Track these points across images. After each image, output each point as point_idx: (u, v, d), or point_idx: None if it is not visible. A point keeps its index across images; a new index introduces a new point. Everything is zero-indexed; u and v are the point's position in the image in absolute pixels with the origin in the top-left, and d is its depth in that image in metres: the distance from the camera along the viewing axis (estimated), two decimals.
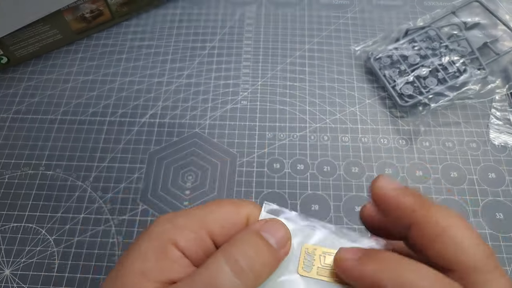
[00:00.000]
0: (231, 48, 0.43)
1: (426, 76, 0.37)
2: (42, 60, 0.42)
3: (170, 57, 0.42)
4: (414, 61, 0.38)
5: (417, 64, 0.37)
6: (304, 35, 0.44)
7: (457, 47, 0.38)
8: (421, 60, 0.37)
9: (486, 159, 0.35)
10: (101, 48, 0.43)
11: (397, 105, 0.37)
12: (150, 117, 0.38)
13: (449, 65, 0.37)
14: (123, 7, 0.44)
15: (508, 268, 0.30)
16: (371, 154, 0.36)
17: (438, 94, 0.36)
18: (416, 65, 0.37)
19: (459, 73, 0.36)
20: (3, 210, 0.33)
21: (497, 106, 0.38)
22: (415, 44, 0.38)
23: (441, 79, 0.36)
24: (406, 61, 0.38)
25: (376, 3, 0.46)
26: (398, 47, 0.39)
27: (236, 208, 0.18)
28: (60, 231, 0.32)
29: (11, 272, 0.31)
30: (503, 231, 0.32)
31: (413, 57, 0.38)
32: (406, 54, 0.38)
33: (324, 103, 0.39)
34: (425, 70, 0.37)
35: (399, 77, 0.37)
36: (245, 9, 0.46)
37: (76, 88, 0.40)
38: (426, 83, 0.36)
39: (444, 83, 0.36)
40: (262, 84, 0.40)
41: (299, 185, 0.34)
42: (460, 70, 0.36)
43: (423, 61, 0.37)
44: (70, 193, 0.34)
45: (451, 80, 0.36)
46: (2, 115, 0.39)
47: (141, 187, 0.34)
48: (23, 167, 0.36)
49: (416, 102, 0.36)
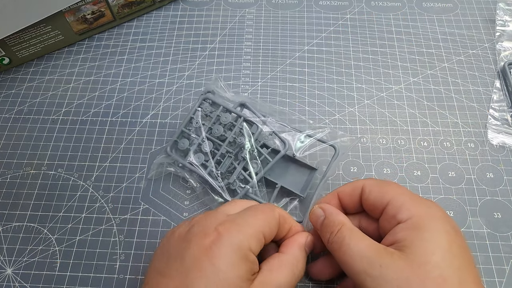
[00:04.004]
0: (231, 49, 0.43)
1: None
2: (44, 60, 0.43)
3: (171, 58, 0.43)
4: None
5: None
6: (304, 37, 0.44)
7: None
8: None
9: (484, 159, 0.36)
10: (102, 49, 0.43)
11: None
12: (151, 117, 0.39)
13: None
14: (125, 9, 0.44)
15: (506, 267, 0.30)
16: (370, 154, 0.36)
17: None
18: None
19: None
20: (5, 209, 0.34)
21: (495, 106, 0.38)
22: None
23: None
24: None
25: (374, 4, 0.47)
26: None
27: (272, 211, 0.26)
28: (62, 231, 0.33)
29: (13, 271, 0.31)
30: (501, 230, 0.32)
31: None
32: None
33: (324, 103, 0.39)
34: None
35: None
36: (245, 11, 0.46)
37: (77, 89, 0.41)
38: None
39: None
40: (262, 85, 0.40)
41: None
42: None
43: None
44: (72, 193, 0.34)
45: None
46: (4, 115, 0.39)
47: (143, 186, 0.35)
48: (25, 167, 0.36)
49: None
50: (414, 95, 0.39)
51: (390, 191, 0.25)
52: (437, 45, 0.43)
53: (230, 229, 0.23)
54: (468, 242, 0.31)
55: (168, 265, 0.23)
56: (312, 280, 0.30)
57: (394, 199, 0.25)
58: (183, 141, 0.33)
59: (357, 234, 0.24)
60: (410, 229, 0.23)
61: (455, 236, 0.23)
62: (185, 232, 0.24)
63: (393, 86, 0.40)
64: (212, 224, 0.24)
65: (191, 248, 0.23)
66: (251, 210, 0.25)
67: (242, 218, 0.24)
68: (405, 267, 0.21)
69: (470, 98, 0.39)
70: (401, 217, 0.24)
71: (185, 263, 0.22)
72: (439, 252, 0.21)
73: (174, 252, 0.23)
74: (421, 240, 0.22)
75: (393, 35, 0.44)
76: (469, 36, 0.43)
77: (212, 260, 0.22)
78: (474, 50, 0.42)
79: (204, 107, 0.34)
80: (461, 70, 0.41)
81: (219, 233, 0.23)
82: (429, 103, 0.39)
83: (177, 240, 0.24)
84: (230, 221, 0.24)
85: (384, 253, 0.22)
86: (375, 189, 0.26)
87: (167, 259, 0.24)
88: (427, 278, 0.21)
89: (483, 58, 0.42)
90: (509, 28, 0.43)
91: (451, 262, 0.21)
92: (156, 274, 0.24)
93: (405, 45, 0.43)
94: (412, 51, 0.43)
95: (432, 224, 0.23)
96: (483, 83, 0.40)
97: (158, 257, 0.25)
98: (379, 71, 0.41)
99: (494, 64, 0.41)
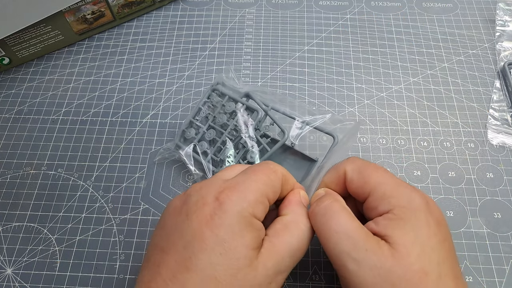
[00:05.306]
0: (231, 49, 0.43)
1: None
2: (44, 60, 0.43)
3: (171, 58, 0.43)
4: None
5: None
6: (304, 37, 0.44)
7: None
8: None
9: (484, 159, 0.36)
10: (102, 49, 0.44)
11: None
12: (151, 117, 0.39)
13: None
14: (125, 9, 0.44)
15: (506, 267, 0.30)
16: (369, 154, 0.36)
17: None
18: None
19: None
20: (5, 209, 0.34)
21: (495, 106, 0.38)
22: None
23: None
24: None
25: (374, 4, 0.47)
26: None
27: (274, 172, 0.24)
28: (62, 230, 0.33)
29: (13, 271, 0.31)
30: (501, 230, 0.32)
31: None
32: None
33: (324, 103, 0.39)
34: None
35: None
36: (245, 11, 0.47)
37: (77, 89, 0.41)
38: None
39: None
40: (262, 85, 0.40)
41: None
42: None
43: None
44: (72, 193, 0.34)
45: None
46: (4, 115, 0.39)
47: (143, 186, 0.35)
48: (25, 167, 0.36)
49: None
50: (414, 95, 0.39)
51: (371, 180, 0.24)
52: (437, 45, 0.43)
53: (232, 196, 0.21)
54: (468, 242, 0.32)
55: (168, 240, 0.22)
56: (312, 280, 0.30)
57: (376, 189, 0.23)
58: (190, 131, 0.34)
59: (348, 214, 0.23)
60: (391, 220, 0.22)
61: (437, 229, 0.22)
62: (182, 203, 0.23)
63: (393, 86, 0.40)
64: (211, 192, 0.22)
65: (191, 220, 0.21)
66: (252, 173, 0.23)
67: (243, 183, 0.22)
68: (389, 256, 0.21)
69: (470, 98, 0.39)
70: (382, 209, 0.23)
71: (185, 236, 0.21)
72: (420, 245, 0.21)
73: (173, 226, 0.22)
74: (403, 232, 0.21)
75: (393, 35, 0.44)
76: (469, 36, 0.43)
77: (214, 230, 0.20)
78: (474, 50, 0.42)
79: (212, 98, 0.34)
80: (461, 70, 0.41)
81: (220, 202, 0.21)
82: (429, 103, 0.39)
83: (174, 213, 0.23)
84: (231, 188, 0.22)
85: (372, 238, 0.22)
86: (356, 176, 0.25)
87: (167, 234, 0.22)
88: (409, 270, 0.20)
89: (483, 58, 0.42)
90: (509, 28, 0.43)
91: (431, 256, 0.21)
92: (156, 249, 0.22)
93: (405, 45, 0.43)
94: (412, 51, 0.43)
95: (413, 216, 0.22)
96: (483, 83, 0.40)
97: (157, 232, 0.23)
98: (379, 71, 0.41)
99: (494, 64, 0.41)
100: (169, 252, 0.21)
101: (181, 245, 0.21)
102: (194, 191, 0.23)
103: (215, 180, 0.24)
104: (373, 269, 0.20)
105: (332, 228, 0.22)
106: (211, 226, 0.20)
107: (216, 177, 0.24)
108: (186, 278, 0.20)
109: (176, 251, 0.21)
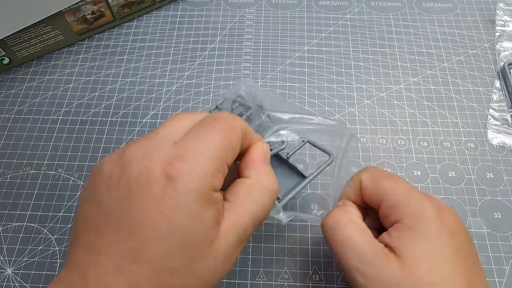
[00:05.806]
0: (231, 49, 0.43)
1: None
2: (44, 60, 0.43)
3: (171, 58, 0.43)
4: None
5: None
6: (304, 37, 0.44)
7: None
8: None
9: (484, 159, 0.36)
10: (102, 49, 0.44)
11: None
12: (151, 118, 0.39)
13: None
14: (125, 9, 0.44)
15: (506, 267, 0.30)
16: (370, 154, 0.36)
17: None
18: None
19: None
20: (5, 209, 0.34)
21: (495, 106, 0.38)
22: None
23: None
24: None
25: (374, 4, 0.47)
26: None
27: (231, 127, 0.20)
28: (62, 231, 0.33)
29: (13, 271, 0.31)
30: (501, 230, 0.32)
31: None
32: None
33: (324, 103, 0.39)
34: None
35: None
36: (245, 11, 0.47)
37: (77, 89, 0.41)
38: None
39: None
40: (262, 85, 0.40)
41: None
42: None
43: None
44: (72, 193, 0.34)
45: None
46: (4, 115, 0.39)
47: None
48: (25, 167, 0.36)
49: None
50: (414, 95, 0.39)
51: (383, 187, 0.23)
52: (437, 45, 0.43)
53: (183, 170, 0.17)
54: None
55: (105, 219, 0.18)
56: (312, 280, 0.30)
57: (387, 197, 0.23)
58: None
59: (355, 226, 0.23)
60: (402, 231, 0.22)
61: (449, 239, 0.21)
62: (119, 171, 0.18)
63: (393, 86, 0.40)
64: (157, 162, 0.18)
65: (135, 199, 0.17)
66: (206, 132, 0.19)
67: (195, 147, 0.18)
68: (397, 270, 0.20)
69: (470, 98, 0.39)
70: (393, 218, 0.22)
71: (129, 219, 0.17)
72: (430, 257, 0.21)
73: (111, 203, 0.18)
74: (412, 244, 0.21)
75: (393, 35, 0.44)
76: (469, 36, 0.44)
77: (167, 214, 0.17)
78: (474, 50, 0.42)
79: (222, 105, 0.33)
80: (461, 70, 0.41)
81: (171, 177, 0.17)
82: (429, 103, 0.39)
83: (110, 184, 0.18)
84: (182, 157, 0.18)
85: (381, 252, 0.21)
86: (369, 184, 0.24)
87: (103, 212, 0.18)
88: (418, 284, 0.20)
89: (483, 58, 0.42)
90: (509, 28, 0.43)
91: (443, 268, 0.20)
92: (89, 228, 0.18)
93: (405, 45, 0.43)
94: (412, 51, 0.43)
95: (422, 226, 0.21)
96: (483, 83, 0.40)
97: (88, 205, 0.19)
98: (379, 71, 0.41)
99: (494, 64, 0.41)
100: (109, 236, 0.17)
101: (125, 231, 0.17)
102: (133, 157, 0.18)
103: (160, 141, 0.19)
104: (381, 283, 0.20)
105: (339, 242, 0.22)
106: (162, 209, 0.17)
107: (161, 135, 0.19)
108: (135, 270, 0.17)
109: (119, 237, 0.17)
